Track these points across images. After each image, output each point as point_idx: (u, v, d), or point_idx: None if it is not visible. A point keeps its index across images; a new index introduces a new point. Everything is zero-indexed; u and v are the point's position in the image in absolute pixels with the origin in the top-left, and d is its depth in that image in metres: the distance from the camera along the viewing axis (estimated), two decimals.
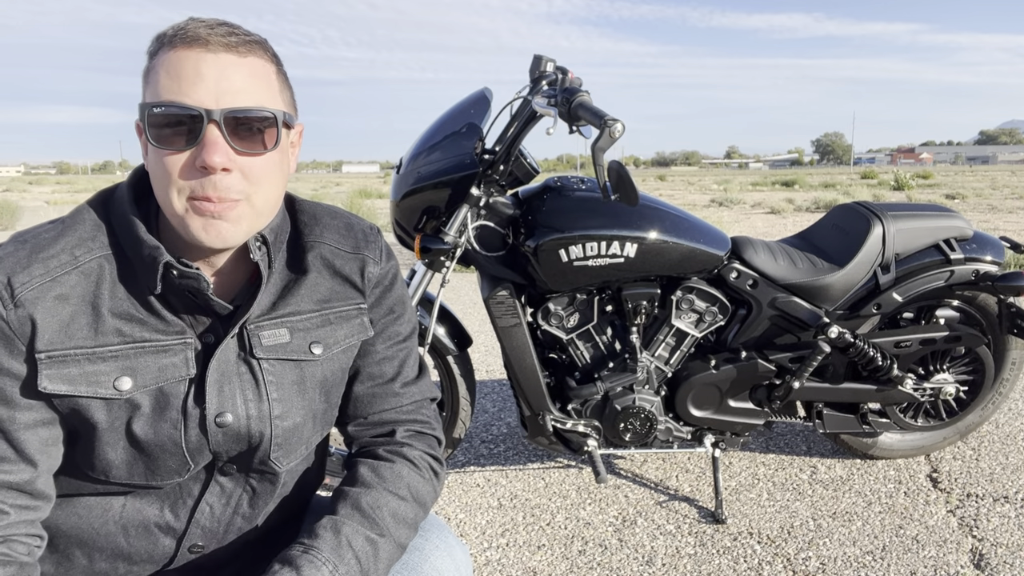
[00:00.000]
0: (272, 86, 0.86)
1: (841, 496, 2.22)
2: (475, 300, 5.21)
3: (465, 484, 2.34)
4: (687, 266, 2.03)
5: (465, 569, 1.01)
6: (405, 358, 1.07)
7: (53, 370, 0.81)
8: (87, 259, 0.84)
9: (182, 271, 0.83)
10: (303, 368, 0.95)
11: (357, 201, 13.20)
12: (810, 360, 2.11)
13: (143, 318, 0.85)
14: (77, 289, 0.83)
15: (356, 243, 1.00)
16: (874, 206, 2.24)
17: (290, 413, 0.94)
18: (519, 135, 1.91)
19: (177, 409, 0.87)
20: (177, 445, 0.87)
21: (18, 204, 12.77)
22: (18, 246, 0.83)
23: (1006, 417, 2.82)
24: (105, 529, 0.91)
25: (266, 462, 0.94)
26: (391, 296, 1.04)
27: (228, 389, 0.89)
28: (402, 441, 1.02)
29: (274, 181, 0.87)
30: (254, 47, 0.84)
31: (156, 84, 0.80)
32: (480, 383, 3.33)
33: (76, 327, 0.82)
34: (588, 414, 2.10)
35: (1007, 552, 1.90)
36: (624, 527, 2.07)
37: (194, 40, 0.80)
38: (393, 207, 2.03)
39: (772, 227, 10.36)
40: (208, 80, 0.79)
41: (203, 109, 0.79)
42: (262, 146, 0.84)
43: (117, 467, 0.87)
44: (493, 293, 2.01)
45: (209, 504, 0.93)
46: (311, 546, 0.85)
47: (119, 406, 0.84)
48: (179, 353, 0.87)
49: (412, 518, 0.96)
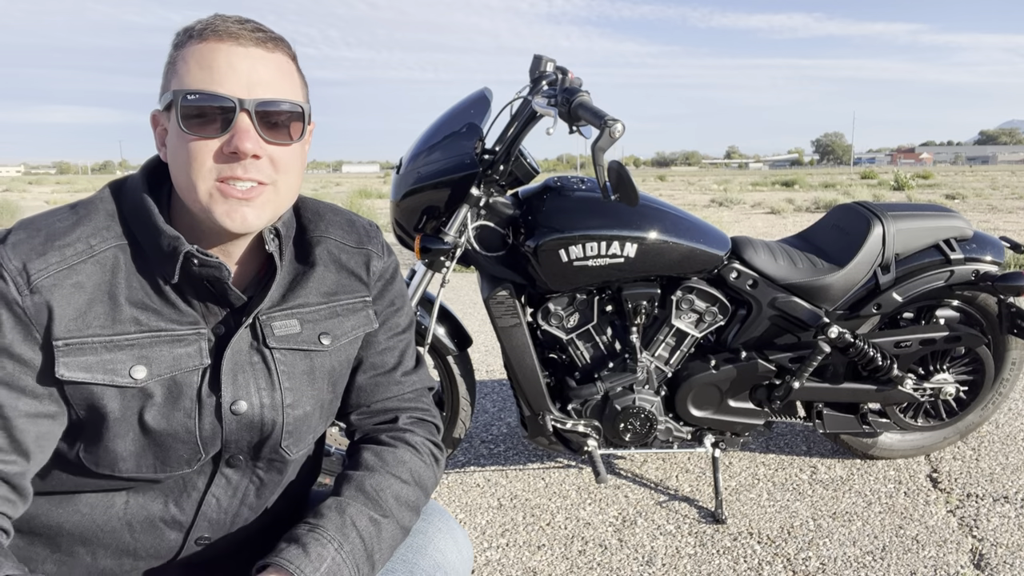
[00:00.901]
0: (295, 82, 0.89)
1: (841, 496, 2.22)
2: (475, 300, 5.21)
3: (465, 484, 2.34)
4: (687, 266, 2.03)
5: (467, 551, 1.04)
6: (405, 348, 1.10)
7: (71, 357, 0.81)
8: (102, 248, 0.85)
9: (203, 260, 0.85)
10: (313, 358, 0.97)
11: (357, 201, 13.20)
12: (810, 360, 2.11)
13: (158, 308, 0.86)
14: (93, 278, 0.83)
15: (360, 238, 1.04)
16: (874, 206, 2.24)
17: (301, 402, 0.95)
18: (519, 135, 1.91)
19: (191, 398, 0.88)
20: (191, 433, 0.88)
21: (18, 204, 12.76)
22: (32, 233, 0.83)
23: (1006, 417, 2.82)
24: (109, 526, 0.91)
25: (277, 450, 0.95)
26: (392, 289, 1.07)
27: (242, 378, 0.91)
28: (404, 427, 1.05)
29: (297, 171, 0.90)
30: (280, 44, 0.88)
31: (187, 74, 0.83)
32: (480, 383, 3.33)
33: (93, 315, 0.83)
34: (588, 414, 2.10)
35: (1007, 552, 1.90)
36: (624, 527, 2.07)
37: (225, 34, 0.83)
38: (393, 207, 2.03)
39: (772, 227, 10.36)
40: (240, 72, 0.83)
41: (236, 99, 0.82)
42: (288, 137, 0.87)
43: (125, 460, 0.87)
44: (493, 293, 2.01)
45: (216, 496, 0.94)
46: (316, 525, 0.87)
47: (132, 395, 0.85)
48: (193, 343, 0.88)
49: (414, 501, 0.98)
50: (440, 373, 2.21)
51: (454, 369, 2.16)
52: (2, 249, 0.81)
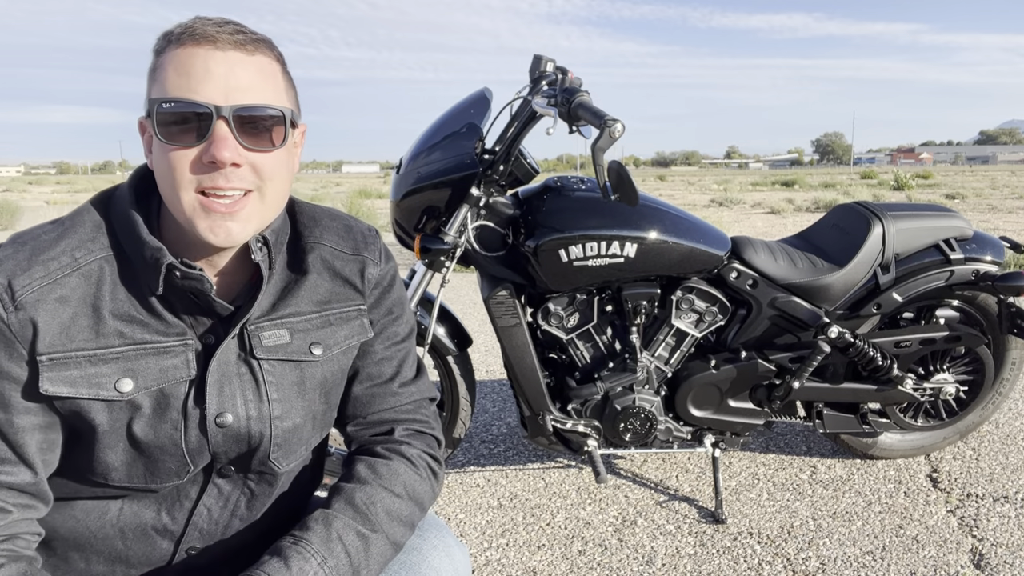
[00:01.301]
0: (279, 85, 0.86)
1: (841, 496, 2.22)
2: (475, 300, 5.21)
3: (465, 484, 2.34)
4: (687, 266, 2.03)
5: (464, 570, 1.00)
6: (403, 358, 1.07)
7: (54, 372, 0.81)
8: (87, 261, 0.84)
9: (185, 272, 0.83)
10: (303, 369, 0.95)
11: (357, 201, 13.20)
12: (810, 360, 2.11)
13: (144, 319, 0.85)
14: (78, 291, 0.82)
15: (356, 245, 1.01)
16: (874, 206, 2.24)
17: (290, 414, 0.93)
18: (519, 135, 1.91)
19: (177, 410, 0.86)
20: (177, 446, 0.87)
21: (18, 204, 12.76)
22: (17, 248, 0.82)
23: (1006, 417, 2.82)
24: (103, 532, 0.90)
25: (266, 463, 0.93)
26: (390, 297, 1.04)
27: (228, 389, 0.89)
28: (400, 439, 1.02)
29: (283, 177, 0.88)
30: (261, 45, 0.85)
31: (164, 81, 0.80)
32: (480, 383, 3.33)
33: (77, 329, 0.82)
34: (588, 414, 2.10)
35: (1007, 552, 1.90)
36: (624, 527, 2.07)
37: (203, 38, 0.80)
38: (393, 207, 2.03)
39: (772, 227, 10.36)
40: (217, 77, 0.80)
41: (212, 106, 0.79)
42: (270, 143, 0.84)
43: (116, 469, 0.86)
44: (493, 293, 2.01)
45: (207, 506, 0.93)
46: (301, 538, 0.85)
47: (120, 408, 0.84)
48: (180, 354, 0.87)
49: (407, 516, 0.95)
50: (440, 373, 2.21)
51: (454, 369, 2.16)
52: None
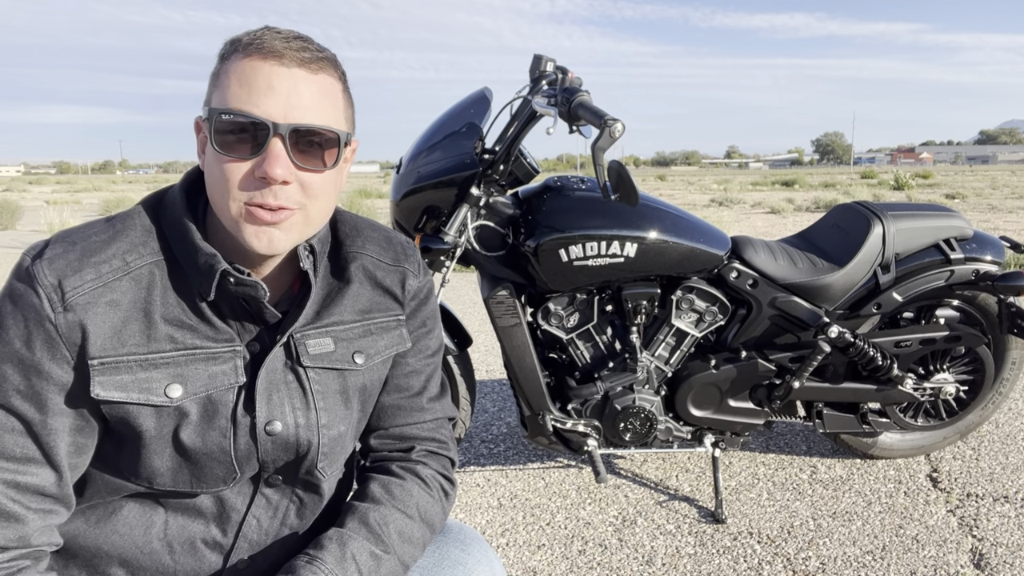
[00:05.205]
0: (338, 105, 0.86)
1: (841, 496, 2.22)
2: (475, 300, 5.21)
3: (465, 484, 2.34)
4: (687, 266, 2.03)
5: None
6: (432, 373, 1.08)
7: (106, 377, 0.80)
8: (138, 265, 0.83)
9: (239, 279, 0.83)
10: (346, 377, 0.95)
11: (357, 201, 13.20)
12: (810, 360, 2.11)
13: (193, 325, 0.85)
14: (128, 295, 0.82)
15: (396, 256, 1.02)
16: (874, 206, 2.24)
17: (335, 422, 0.94)
18: (519, 135, 1.91)
19: (226, 417, 0.86)
20: (226, 453, 0.86)
21: (18, 204, 12.76)
22: (67, 247, 0.81)
23: (1006, 417, 2.82)
24: (149, 547, 0.89)
25: (312, 472, 0.94)
26: (426, 309, 1.05)
27: (277, 398, 0.89)
28: (416, 459, 1.03)
29: (329, 195, 0.88)
30: (325, 64, 0.84)
31: (226, 90, 0.81)
32: (480, 383, 3.33)
33: (128, 333, 0.81)
34: (588, 414, 2.10)
35: (1007, 552, 1.90)
36: (624, 527, 2.07)
37: (269, 52, 0.80)
38: (393, 207, 2.03)
39: (772, 227, 10.36)
40: (279, 94, 0.80)
41: (271, 122, 0.79)
42: (322, 163, 0.84)
43: (162, 474, 0.86)
44: (493, 293, 2.01)
45: (256, 517, 0.93)
46: (315, 557, 0.85)
47: (168, 414, 0.83)
48: (228, 361, 0.86)
49: (419, 538, 0.96)
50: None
51: (454, 369, 2.16)
52: (39, 264, 0.79)
